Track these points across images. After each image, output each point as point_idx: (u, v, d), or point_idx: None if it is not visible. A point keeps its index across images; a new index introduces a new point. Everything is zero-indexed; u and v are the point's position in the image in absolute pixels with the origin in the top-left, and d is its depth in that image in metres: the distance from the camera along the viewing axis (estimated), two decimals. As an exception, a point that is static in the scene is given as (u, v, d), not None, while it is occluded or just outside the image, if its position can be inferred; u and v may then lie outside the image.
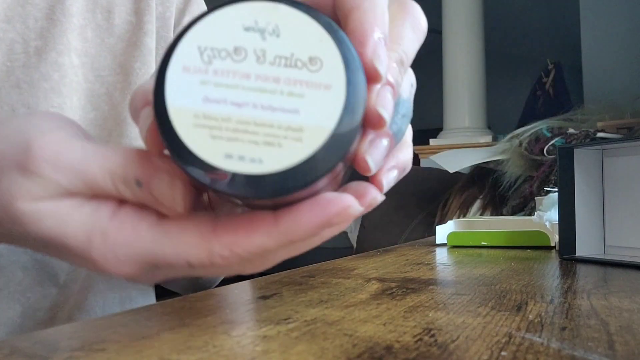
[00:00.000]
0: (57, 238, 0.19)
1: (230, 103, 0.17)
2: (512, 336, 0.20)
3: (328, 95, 0.17)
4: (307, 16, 0.17)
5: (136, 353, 0.18)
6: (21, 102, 0.32)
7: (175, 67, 0.17)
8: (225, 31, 0.17)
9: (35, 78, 0.33)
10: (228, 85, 0.17)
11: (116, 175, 0.19)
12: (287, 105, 0.17)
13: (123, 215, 0.20)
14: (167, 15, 0.40)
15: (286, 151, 0.16)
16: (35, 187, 0.19)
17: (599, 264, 0.41)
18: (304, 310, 0.24)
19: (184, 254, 0.19)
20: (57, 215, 0.19)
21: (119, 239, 0.19)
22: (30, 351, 0.18)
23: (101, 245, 0.19)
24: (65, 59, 0.34)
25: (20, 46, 0.33)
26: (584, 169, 0.45)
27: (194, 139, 0.16)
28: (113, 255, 0.19)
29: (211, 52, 0.17)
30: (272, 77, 0.17)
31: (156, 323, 0.22)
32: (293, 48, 0.17)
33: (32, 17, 0.33)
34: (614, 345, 0.19)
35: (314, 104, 0.17)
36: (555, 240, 0.52)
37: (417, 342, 0.19)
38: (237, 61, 0.17)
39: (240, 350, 0.18)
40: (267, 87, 0.17)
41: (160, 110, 0.17)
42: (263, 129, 0.16)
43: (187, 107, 0.16)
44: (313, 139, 0.16)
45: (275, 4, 0.17)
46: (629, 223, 0.43)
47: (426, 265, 0.42)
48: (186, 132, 0.16)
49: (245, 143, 0.16)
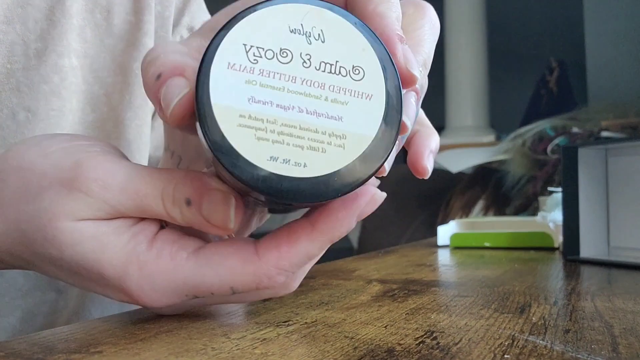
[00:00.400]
0: (93, 263, 0.19)
1: (276, 105, 0.17)
2: (515, 339, 0.20)
3: (369, 104, 0.17)
4: (350, 24, 0.17)
5: (133, 355, 0.18)
6: (21, 106, 0.32)
7: (219, 63, 0.17)
8: (271, 31, 0.17)
9: (35, 81, 0.33)
10: (274, 87, 0.17)
11: (166, 193, 0.19)
12: (331, 112, 0.17)
13: (160, 244, 0.20)
14: (166, 15, 0.40)
15: (329, 157, 0.17)
16: (79, 207, 0.19)
17: (603, 265, 0.41)
18: (304, 312, 0.24)
19: (228, 280, 0.19)
20: (96, 238, 0.19)
21: (157, 268, 0.19)
22: (28, 353, 0.18)
23: (137, 274, 0.19)
24: (65, 60, 0.34)
25: (21, 48, 0.32)
26: (588, 169, 0.44)
27: (239, 139, 0.16)
28: (150, 286, 0.19)
29: (257, 51, 0.17)
30: (317, 82, 0.17)
31: (154, 325, 0.22)
32: (337, 56, 0.17)
33: (32, 19, 0.33)
34: (618, 348, 0.19)
35: (356, 113, 0.17)
36: (558, 241, 0.51)
37: (419, 344, 0.19)
38: (283, 63, 0.17)
39: (239, 353, 0.18)
40: (312, 92, 0.17)
41: (204, 107, 0.16)
42: (308, 134, 0.17)
43: (232, 106, 0.16)
44: (355, 147, 0.17)
45: (320, 8, 0.17)
46: (634, 224, 0.43)
47: (428, 267, 0.41)
48: (231, 132, 0.16)
49: (290, 147, 0.17)
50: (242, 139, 0.16)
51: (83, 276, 0.20)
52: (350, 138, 0.17)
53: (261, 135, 0.16)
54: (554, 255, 0.48)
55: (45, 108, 0.33)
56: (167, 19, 0.40)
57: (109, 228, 0.19)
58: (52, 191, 0.19)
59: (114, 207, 0.19)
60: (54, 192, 0.19)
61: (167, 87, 0.18)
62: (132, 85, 0.37)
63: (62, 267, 0.20)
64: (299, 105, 0.17)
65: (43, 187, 0.19)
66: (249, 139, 0.16)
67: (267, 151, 0.16)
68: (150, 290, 0.19)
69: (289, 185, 0.17)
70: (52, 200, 0.19)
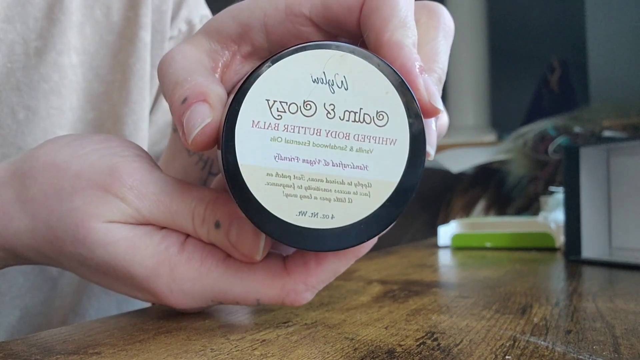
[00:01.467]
0: (124, 265, 0.20)
1: (302, 160, 0.17)
2: (516, 340, 0.20)
3: (394, 150, 0.17)
4: (373, 67, 0.17)
5: (132, 357, 0.18)
6: (21, 105, 0.32)
7: (244, 122, 0.17)
8: (294, 83, 0.17)
9: (35, 79, 0.33)
10: (299, 142, 0.17)
11: (197, 213, 0.20)
12: (356, 162, 0.17)
13: (191, 248, 0.20)
14: (163, 9, 0.40)
15: (355, 206, 0.17)
16: (112, 211, 0.19)
17: (605, 265, 0.41)
18: (304, 313, 0.24)
19: (255, 293, 0.20)
20: (129, 239, 0.20)
21: (187, 272, 0.20)
22: (26, 354, 0.18)
23: (168, 277, 0.20)
24: (65, 58, 0.34)
25: (21, 47, 0.32)
26: (590, 169, 0.44)
27: (267, 197, 0.17)
28: (179, 289, 0.20)
29: (280, 105, 0.17)
30: (342, 132, 0.17)
31: (152, 326, 0.22)
32: (362, 103, 0.17)
33: (32, 17, 0.33)
34: (620, 349, 0.18)
35: (381, 160, 0.17)
36: (560, 242, 0.51)
37: (419, 345, 0.19)
38: (307, 116, 0.17)
39: (238, 354, 0.18)
40: (337, 143, 0.17)
41: (231, 169, 0.17)
42: (334, 186, 0.17)
43: (259, 165, 0.17)
44: (380, 194, 0.17)
45: (342, 53, 0.17)
46: (636, 224, 0.43)
47: (429, 267, 0.41)
48: (259, 191, 0.17)
49: (317, 200, 0.17)
50: (271, 196, 0.17)
51: (111, 276, 0.20)
52: (376, 185, 0.17)
53: (289, 192, 0.17)
54: (556, 256, 0.47)
55: (45, 107, 0.33)
56: (165, 12, 0.40)
57: (140, 231, 0.20)
58: (87, 192, 0.20)
59: (145, 216, 0.20)
60: (88, 194, 0.20)
61: (190, 112, 0.18)
62: (129, 81, 0.37)
63: (90, 267, 0.20)
64: (325, 159, 0.17)
65: (77, 187, 0.20)
66: (277, 197, 0.17)
67: (295, 207, 0.17)
68: (179, 292, 0.20)
69: (316, 236, 0.17)
70: (86, 202, 0.19)
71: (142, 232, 0.20)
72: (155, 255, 0.20)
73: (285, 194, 0.17)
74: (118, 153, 0.20)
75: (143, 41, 0.37)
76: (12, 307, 0.33)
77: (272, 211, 0.17)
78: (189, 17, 0.42)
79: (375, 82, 0.17)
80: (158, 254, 0.20)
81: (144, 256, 0.20)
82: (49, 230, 0.20)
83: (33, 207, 0.20)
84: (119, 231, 0.20)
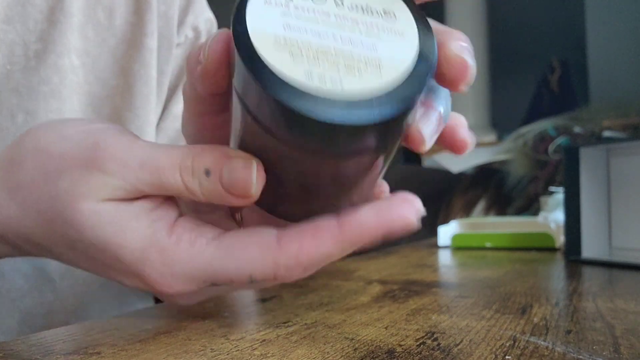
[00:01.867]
0: (112, 247, 0.19)
1: (311, 32, 0.17)
2: (516, 340, 0.20)
3: (403, 41, 0.17)
4: None
5: (132, 357, 0.18)
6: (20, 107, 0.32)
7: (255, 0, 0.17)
8: None
9: (35, 82, 0.32)
10: (308, 19, 0.17)
11: (185, 165, 0.19)
12: (365, 42, 0.17)
13: (180, 230, 0.20)
14: (170, 14, 0.40)
15: (366, 80, 0.16)
16: (98, 186, 0.19)
17: (605, 265, 0.41)
18: (304, 313, 0.24)
19: (248, 268, 0.19)
20: (116, 221, 0.19)
21: (177, 255, 0.19)
22: (26, 354, 0.18)
23: (157, 261, 0.19)
24: (65, 60, 0.34)
25: (21, 49, 0.32)
26: (590, 169, 0.44)
27: (274, 58, 0.16)
28: (169, 271, 0.19)
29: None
30: (350, 18, 0.18)
31: (152, 326, 0.22)
32: (368, 0, 0.18)
33: (32, 19, 0.33)
34: (620, 349, 0.18)
35: (390, 46, 0.17)
36: (560, 242, 0.51)
37: (419, 345, 0.19)
38: (316, 2, 0.18)
39: (238, 354, 0.18)
40: (346, 25, 0.17)
41: (240, 33, 0.17)
42: (343, 59, 0.17)
43: (267, 31, 0.17)
44: (391, 75, 0.17)
45: None
46: (636, 224, 0.43)
47: (429, 267, 0.41)
48: (266, 52, 0.16)
49: (326, 63, 0.17)
50: (278, 58, 0.16)
51: (100, 260, 0.20)
52: (386, 67, 0.17)
53: (297, 54, 0.17)
54: (556, 256, 0.47)
55: (44, 110, 0.33)
56: (171, 18, 0.40)
57: (128, 213, 0.19)
58: (72, 172, 0.19)
59: (133, 184, 0.19)
60: (73, 174, 0.19)
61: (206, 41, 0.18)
62: (133, 86, 0.37)
63: (79, 250, 0.20)
64: (334, 34, 0.17)
65: (62, 169, 0.20)
66: (284, 58, 0.16)
67: (303, 67, 0.16)
68: (169, 275, 0.19)
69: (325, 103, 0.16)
70: (72, 182, 0.19)
71: (130, 215, 0.19)
72: (143, 239, 0.19)
73: (293, 56, 0.17)
74: (101, 129, 0.20)
75: (148, 47, 0.37)
76: (12, 309, 0.33)
77: (280, 70, 0.16)
78: (195, 23, 0.42)
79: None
80: (147, 238, 0.19)
81: (132, 239, 0.19)
82: (38, 215, 0.20)
83: (21, 193, 0.20)
84: (106, 212, 0.19)
